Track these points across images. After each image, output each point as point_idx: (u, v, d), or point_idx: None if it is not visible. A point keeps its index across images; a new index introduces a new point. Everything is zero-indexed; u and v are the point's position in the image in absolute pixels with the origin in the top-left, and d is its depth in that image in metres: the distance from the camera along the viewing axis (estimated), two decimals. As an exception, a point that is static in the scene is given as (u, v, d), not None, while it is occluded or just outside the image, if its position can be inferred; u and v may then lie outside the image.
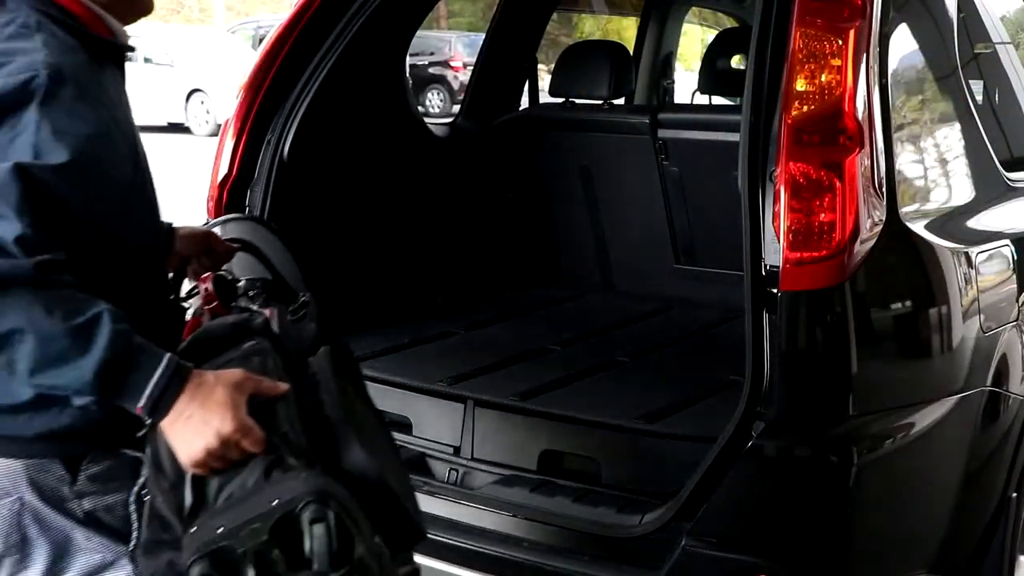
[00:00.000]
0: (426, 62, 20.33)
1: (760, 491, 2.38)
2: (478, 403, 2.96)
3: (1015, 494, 2.74)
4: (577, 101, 4.16)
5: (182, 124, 17.81)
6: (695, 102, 5.38)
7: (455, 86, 20.35)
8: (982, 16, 3.20)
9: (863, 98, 2.32)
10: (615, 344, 3.61)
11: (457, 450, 2.91)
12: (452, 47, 21.07)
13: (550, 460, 2.86)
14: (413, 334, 3.52)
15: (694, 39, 9.31)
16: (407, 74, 4.03)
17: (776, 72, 2.33)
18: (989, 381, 2.63)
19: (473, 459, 2.88)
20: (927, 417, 2.46)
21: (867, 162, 2.30)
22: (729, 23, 6.54)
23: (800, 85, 2.30)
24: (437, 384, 3.07)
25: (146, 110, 11.97)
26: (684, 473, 2.42)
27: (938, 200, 2.74)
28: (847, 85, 2.30)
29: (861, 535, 2.39)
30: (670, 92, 5.80)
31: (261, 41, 4.03)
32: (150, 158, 1.91)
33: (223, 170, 3.25)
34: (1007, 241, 2.84)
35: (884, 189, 2.35)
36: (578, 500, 2.66)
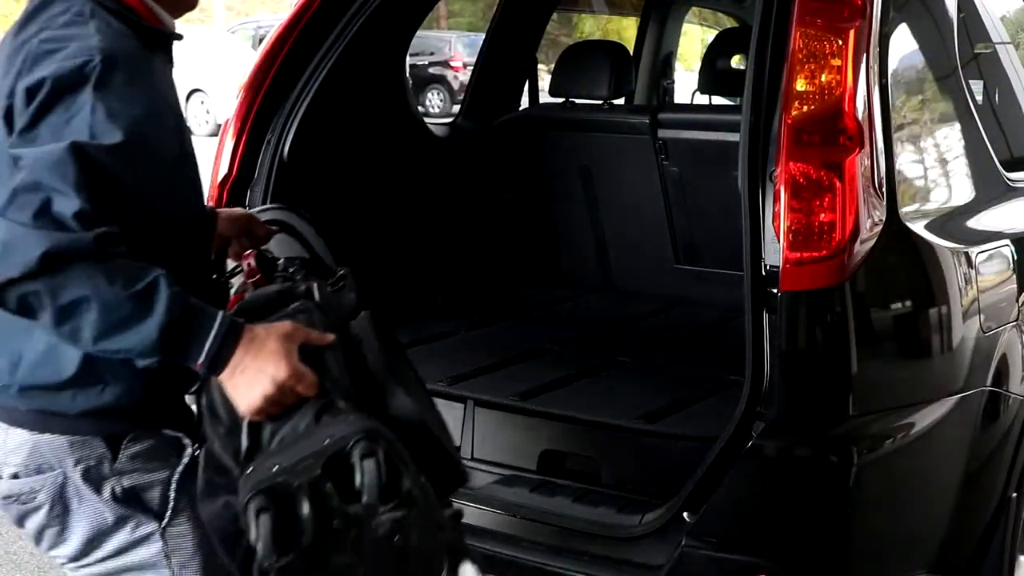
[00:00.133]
0: (426, 62, 20.33)
1: (760, 491, 2.38)
2: (478, 403, 2.96)
3: (1015, 494, 2.74)
4: (577, 101, 4.15)
5: (182, 124, 17.77)
6: (695, 102, 5.38)
7: (455, 86, 20.34)
8: (982, 16, 3.20)
9: (863, 98, 2.32)
10: (615, 344, 3.60)
11: (457, 450, 2.91)
12: (452, 47, 21.07)
13: (550, 460, 2.86)
14: (413, 334, 3.51)
15: (694, 39, 9.32)
16: (407, 74, 4.03)
17: (776, 72, 2.33)
18: (989, 381, 2.63)
19: (473, 459, 2.88)
20: (927, 417, 2.46)
21: (867, 162, 2.30)
22: (729, 23, 6.54)
23: (800, 85, 2.30)
24: (437, 384, 3.06)
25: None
26: (684, 473, 2.42)
27: (938, 200, 2.74)
28: (847, 85, 2.29)
29: (861, 535, 2.39)
30: (670, 92, 5.80)
31: (261, 41, 4.03)
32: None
33: (223, 170, 3.24)
34: (1007, 241, 2.84)
35: (884, 189, 2.35)
36: (578, 500, 2.66)
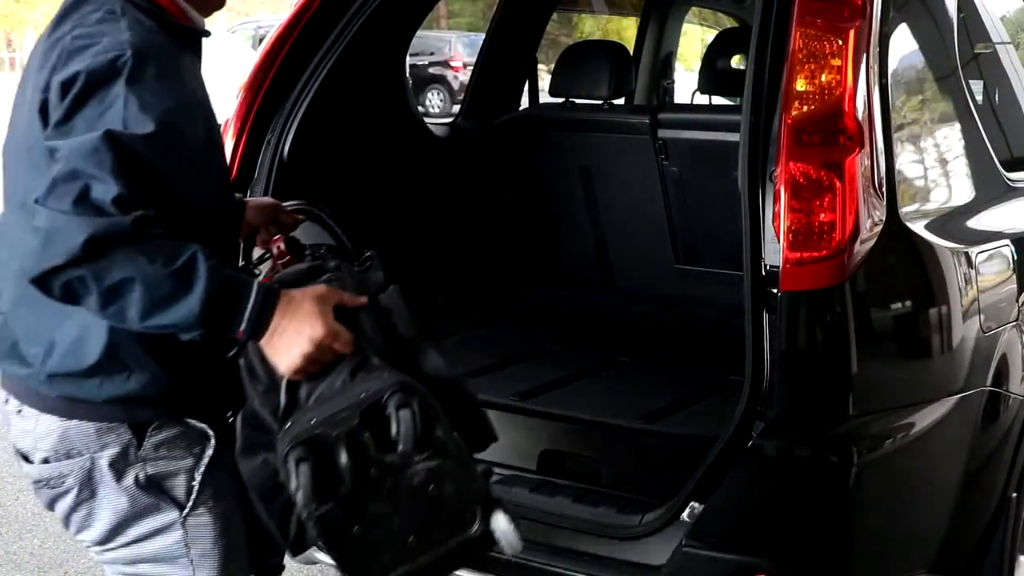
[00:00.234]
0: (426, 62, 20.33)
1: (760, 491, 2.38)
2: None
3: (1015, 494, 2.74)
4: (577, 101, 4.15)
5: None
6: (695, 102, 5.38)
7: (455, 86, 20.35)
8: (982, 16, 3.20)
9: (863, 98, 2.32)
10: (615, 344, 3.60)
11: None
12: (452, 47, 21.07)
13: (550, 460, 2.85)
14: None
15: (694, 39, 9.31)
16: (407, 74, 4.03)
17: (776, 72, 2.33)
18: (989, 381, 2.63)
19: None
20: (927, 417, 2.46)
21: (867, 162, 2.30)
22: (729, 23, 6.54)
23: (800, 85, 2.30)
24: None
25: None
26: (684, 473, 2.42)
27: (938, 200, 2.74)
28: (847, 85, 2.29)
29: (861, 535, 2.39)
30: (670, 92, 5.80)
31: (261, 41, 4.03)
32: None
33: (223, 170, 3.24)
34: (1007, 241, 2.84)
35: (884, 189, 2.35)
36: (578, 500, 2.66)
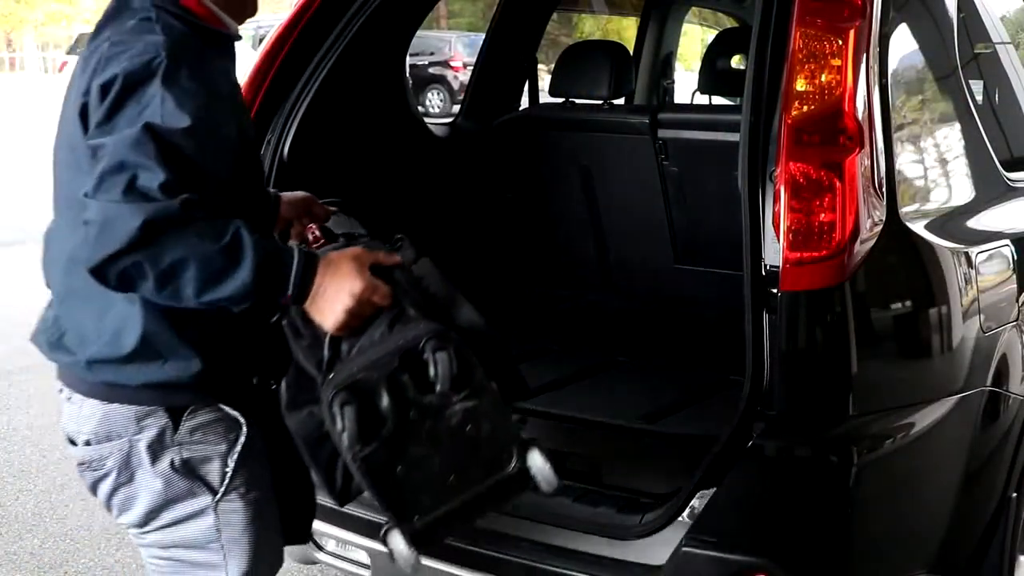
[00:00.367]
0: (426, 62, 20.34)
1: (760, 491, 2.38)
2: None
3: (1015, 494, 2.74)
4: (577, 101, 4.15)
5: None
6: (695, 102, 5.37)
7: (455, 86, 20.37)
8: (982, 16, 3.20)
9: (863, 98, 2.32)
10: (615, 344, 3.60)
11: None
12: (452, 47, 21.08)
13: (550, 460, 2.85)
14: None
15: (694, 39, 9.32)
16: (407, 74, 4.03)
17: (776, 72, 2.33)
18: (989, 381, 2.63)
19: None
20: (927, 417, 2.46)
21: (867, 162, 2.30)
22: (729, 23, 6.54)
23: (800, 85, 2.30)
24: None
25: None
26: (684, 473, 2.42)
27: (938, 200, 2.74)
28: (847, 85, 2.29)
29: (861, 535, 2.39)
30: (670, 92, 5.80)
31: (261, 41, 4.03)
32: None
33: (223, 170, 3.24)
34: (1007, 241, 2.84)
35: (884, 189, 2.35)
36: (578, 500, 2.66)
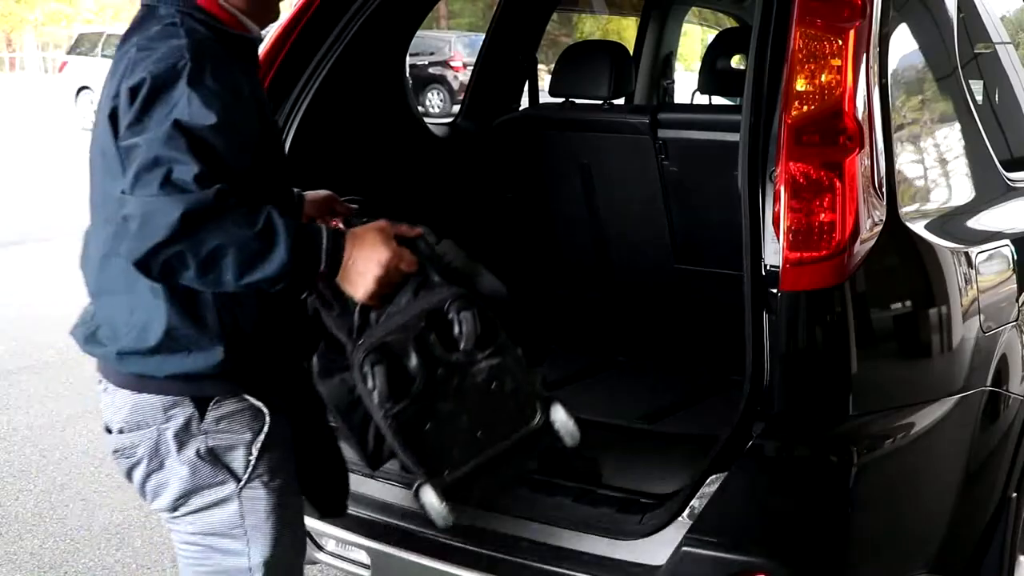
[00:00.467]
0: (426, 62, 20.35)
1: (760, 491, 2.38)
2: None
3: (1015, 494, 2.74)
4: (577, 101, 4.15)
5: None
6: (695, 102, 5.38)
7: (455, 86, 20.38)
8: (982, 16, 3.20)
9: (863, 98, 2.32)
10: (615, 344, 3.60)
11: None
12: (452, 47, 21.09)
13: (550, 460, 2.85)
14: None
15: (694, 39, 9.33)
16: (407, 74, 4.03)
17: (776, 72, 2.33)
18: (989, 381, 2.63)
19: None
20: (927, 417, 2.46)
21: (867, 162, 2.30)
22: (729, 23, 6.54)
23: (800, 85, 2.30)
24: None
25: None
26: (684, 473, 2.42)
27: (938, 200, 2.74)
28: (847, 85, 2.29)
29: (861, 535, 2.39)
30: (670, 92, 5.80)
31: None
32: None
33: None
34: (1007, 241, 2.84)
35: (884, 189, 2.35)
36: (578, 500, 2.66)
